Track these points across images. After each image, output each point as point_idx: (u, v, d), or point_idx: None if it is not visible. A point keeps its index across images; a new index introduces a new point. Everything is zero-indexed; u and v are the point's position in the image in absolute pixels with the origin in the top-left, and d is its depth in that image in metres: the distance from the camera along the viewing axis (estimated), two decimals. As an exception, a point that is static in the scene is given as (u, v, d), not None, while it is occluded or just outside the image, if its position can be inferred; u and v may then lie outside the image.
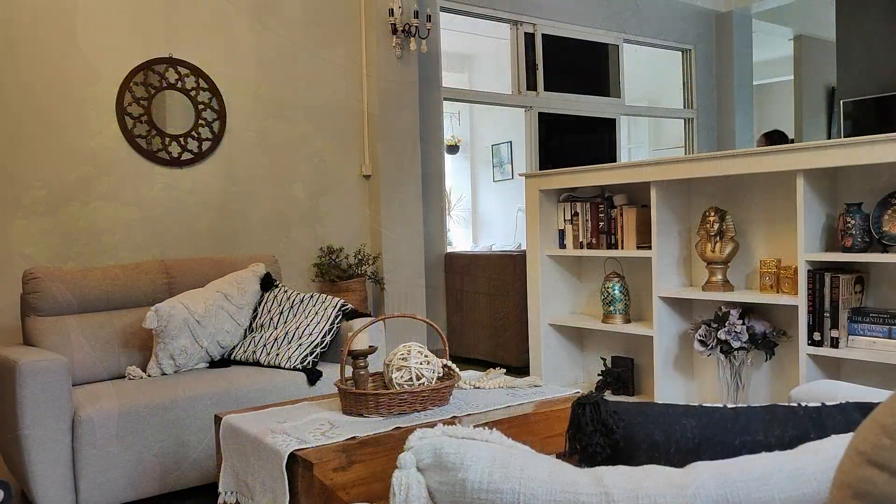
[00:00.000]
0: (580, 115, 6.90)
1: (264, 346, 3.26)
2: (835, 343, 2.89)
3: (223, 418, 2.25)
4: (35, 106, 4.08)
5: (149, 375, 3.13)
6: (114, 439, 2.66)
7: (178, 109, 4.54)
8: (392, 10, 5.10)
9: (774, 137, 5.66)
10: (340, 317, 3.31)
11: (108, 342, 3.19)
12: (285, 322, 3.34)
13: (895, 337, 2.78)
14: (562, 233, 4.03)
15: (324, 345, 3.23)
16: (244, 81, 4.78)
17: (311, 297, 3.41)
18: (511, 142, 8.50)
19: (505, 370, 2.69)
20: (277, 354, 3.20)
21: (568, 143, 6.89)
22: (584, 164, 3.85)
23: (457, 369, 2.34)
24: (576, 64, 6.93)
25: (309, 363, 3.15)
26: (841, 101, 6.89)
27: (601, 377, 3.90)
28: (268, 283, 3.53)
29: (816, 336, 2.93)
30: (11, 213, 4.02)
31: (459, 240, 8.95)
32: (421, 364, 2.20)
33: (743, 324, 3.18)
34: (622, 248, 3.73)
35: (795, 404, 1.09)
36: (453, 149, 8.75)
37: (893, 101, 6.47)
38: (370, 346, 2.33)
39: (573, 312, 4.17)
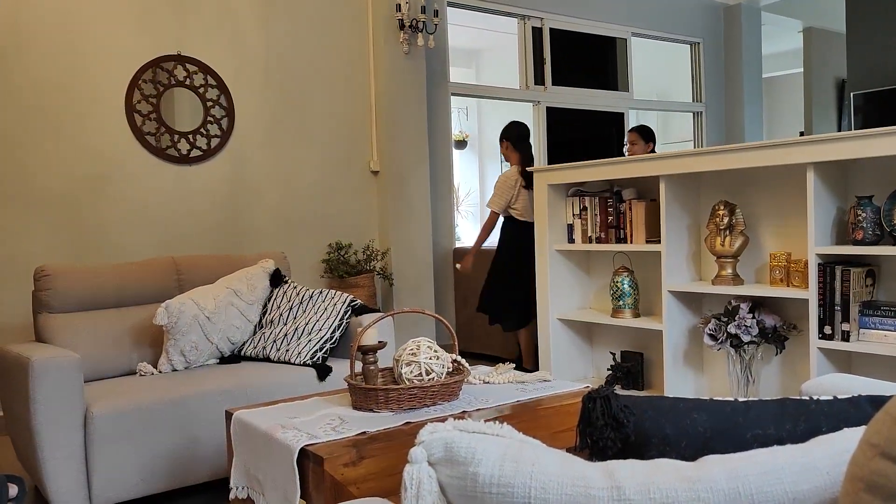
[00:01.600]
0: (588, 110, 6.88)
1: (274, 342, 3.27)
2: (846, 337, 2.87)
3: (234, 414, 2.26)
4: (44, 104, 4.10)
5: (160, 372, 3.14)
6: (125, 435, 2.67)
7: (186, 107, 4.55)
8: (399, 5, 5.10)
9: (641, 132, 5.53)
10: (349, 312, 3.32)
11: (120, 339, 3.21)
12: (295, 318, 3.35)
13: (907, 330, 2.76)
14: (570, 227, 4.02)
15: (333, 340, 3.24)
16: (252, 78, 4.78)
17: (321, 292, 3.42)
18: (519, 137, 8.47)
19: (514, 365, 2.69)
20: (287, 350, 3.21)
21: (576, 137, 6.87)
22: (592, 159, 3.84)
23: (466, 364, 2.34)
24: (584, 58, 6.91)
25: (318, 359, 3.16)
26: (851, 94, 6.84)
27: (611, 372, 3.89)
28: (277, 279, 3.54)
29: (827, 330, 2.92)
30: (22, 211, 4.04)
31: (468, 235, 8.94)
32: (430, 359, 2.21)
33: (753, 318, 3.17)
34: (631, 243, 3.72)
35: (807, 398, 1.08)
36: (461, 144, 8.74)
37: (904, 93, 6.43)
38: (379, 342, 2.33)
39: (582, 307, 4.17)
